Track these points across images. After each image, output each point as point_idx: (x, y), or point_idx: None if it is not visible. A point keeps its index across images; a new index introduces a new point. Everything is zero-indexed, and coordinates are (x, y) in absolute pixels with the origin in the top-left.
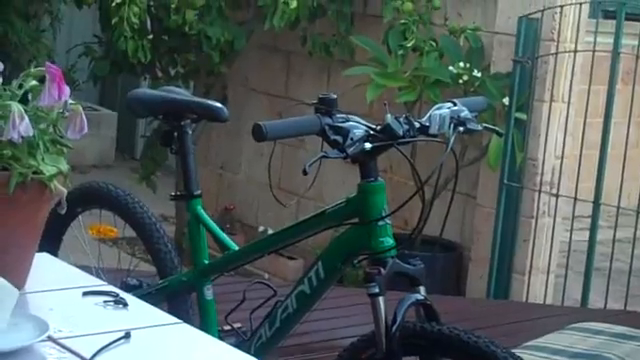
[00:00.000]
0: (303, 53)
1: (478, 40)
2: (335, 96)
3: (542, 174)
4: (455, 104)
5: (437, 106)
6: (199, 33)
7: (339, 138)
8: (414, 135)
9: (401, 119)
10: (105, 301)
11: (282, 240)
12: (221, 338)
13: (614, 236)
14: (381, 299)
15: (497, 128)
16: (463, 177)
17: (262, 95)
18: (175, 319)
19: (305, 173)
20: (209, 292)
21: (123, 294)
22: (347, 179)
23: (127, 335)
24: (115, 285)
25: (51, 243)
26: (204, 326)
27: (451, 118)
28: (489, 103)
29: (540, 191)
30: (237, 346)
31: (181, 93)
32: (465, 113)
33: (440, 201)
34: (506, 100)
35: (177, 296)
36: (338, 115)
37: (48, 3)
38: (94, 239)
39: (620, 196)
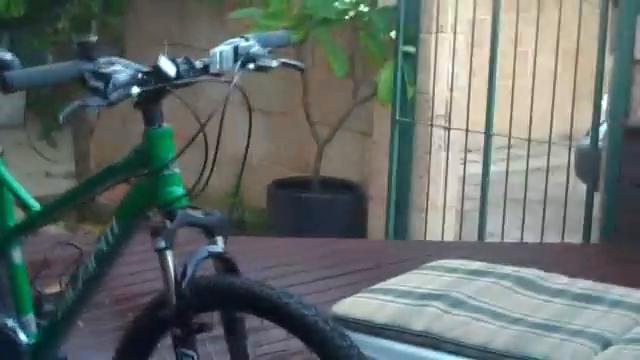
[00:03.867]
0: None
1: None
2: (95, 40)
3: (434, 108)
4: (248, 39)
5: (223, 43)
6: None
7: (100, 84)
8: (195, 75)
9: (179, 59)
10: None
11: (78, 195)
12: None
13: (507, 167)
14: (169, 254)
15: (297, 63)
16: (358, 115)
17: (159, 45)
18: None
19: (61, 123)
20: (17, 255)
21: None
22: None
23: None
24: None
25: None
26: (16, 290)
27: (238, 55)
28: (289, 39)
29: (432, 125)
30: (50, 312)
31: None
32: (256, 49)
33: (337, 141)
34: (393, 34)
35: None
36: (101, 60)
37: None
38: None
39: (511, 126)
